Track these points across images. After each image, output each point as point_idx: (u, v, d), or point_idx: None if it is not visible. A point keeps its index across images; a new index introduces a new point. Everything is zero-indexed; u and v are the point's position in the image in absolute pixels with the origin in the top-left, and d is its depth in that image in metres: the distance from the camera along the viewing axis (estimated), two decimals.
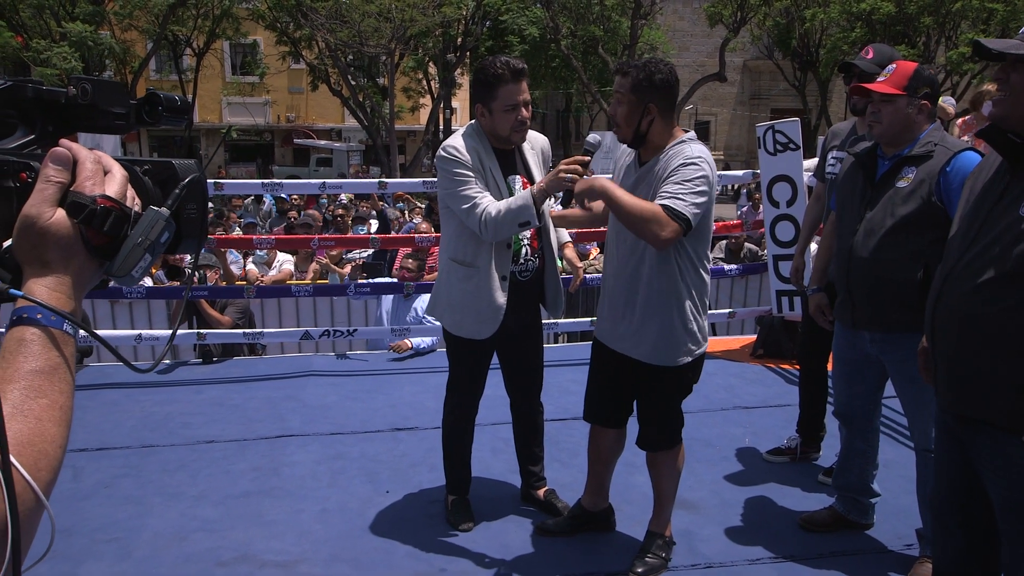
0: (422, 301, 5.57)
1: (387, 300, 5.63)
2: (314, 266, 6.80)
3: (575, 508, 3.05)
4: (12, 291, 0.76)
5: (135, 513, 3.15)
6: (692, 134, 2.64)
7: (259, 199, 13.67)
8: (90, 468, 3.57)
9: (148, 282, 6.38)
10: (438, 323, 3.14)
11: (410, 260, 5.73)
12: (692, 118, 34.44)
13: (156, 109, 0.91)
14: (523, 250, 2.92)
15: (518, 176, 2.90)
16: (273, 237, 6.15)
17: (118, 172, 0.83)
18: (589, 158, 2.62)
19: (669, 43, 30.69)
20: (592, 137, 2.77)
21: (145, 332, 5.27)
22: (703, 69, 30.89)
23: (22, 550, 0.66)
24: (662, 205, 2.41)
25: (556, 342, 6.23)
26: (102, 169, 0.82)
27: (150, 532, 3.01)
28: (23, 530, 0.66)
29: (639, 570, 2.70)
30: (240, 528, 3.05)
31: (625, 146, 2.73)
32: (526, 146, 2.92)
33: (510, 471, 3.44)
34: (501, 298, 2.85)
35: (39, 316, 0.76)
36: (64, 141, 0.82)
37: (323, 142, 32.07)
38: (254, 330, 5.37)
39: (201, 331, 5.11)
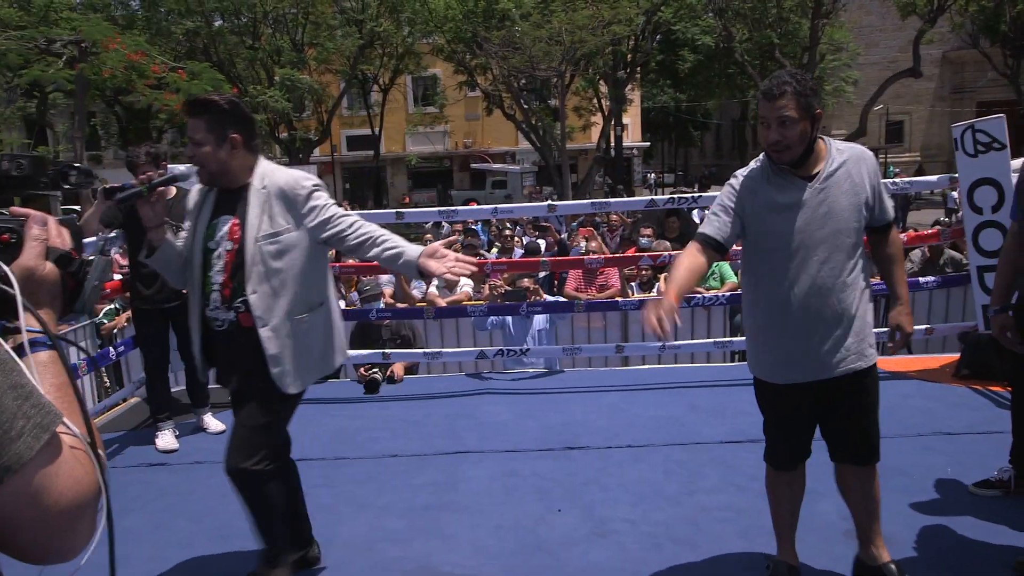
0: (540, 319, 5.75)
1: (508, 319, 5.80)
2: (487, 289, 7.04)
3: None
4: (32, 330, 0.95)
5: (329, 521, 3.39)
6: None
7: (438, 225, 14.37)
8: None
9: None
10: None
11: (526, 279, 5.96)
12: (882, 119, 31.99)
13: (67, 177, 1.25)
14: (212, 295, 2.59)
15: (231, 217, 2.60)
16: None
17: (64, 230, 1.06)
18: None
19: (854, 41, 28.80)
20: (180, 169, 2.77)
21: None
22: (894, 66, 28.61)
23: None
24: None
25: (733, 360, 6.02)
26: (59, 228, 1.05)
27: (342, 540, 3.24)
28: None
29: None
30: (421, 540, 3.21)
31: None
32: (256, 184, 2.59)
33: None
34: (195, 344, 2.69)
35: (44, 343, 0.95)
36: (17, 209, 1.04)
37: (498, 165, 33.28)
38: (434, 350, 5.64)
39: (386, 351, 5.44)
